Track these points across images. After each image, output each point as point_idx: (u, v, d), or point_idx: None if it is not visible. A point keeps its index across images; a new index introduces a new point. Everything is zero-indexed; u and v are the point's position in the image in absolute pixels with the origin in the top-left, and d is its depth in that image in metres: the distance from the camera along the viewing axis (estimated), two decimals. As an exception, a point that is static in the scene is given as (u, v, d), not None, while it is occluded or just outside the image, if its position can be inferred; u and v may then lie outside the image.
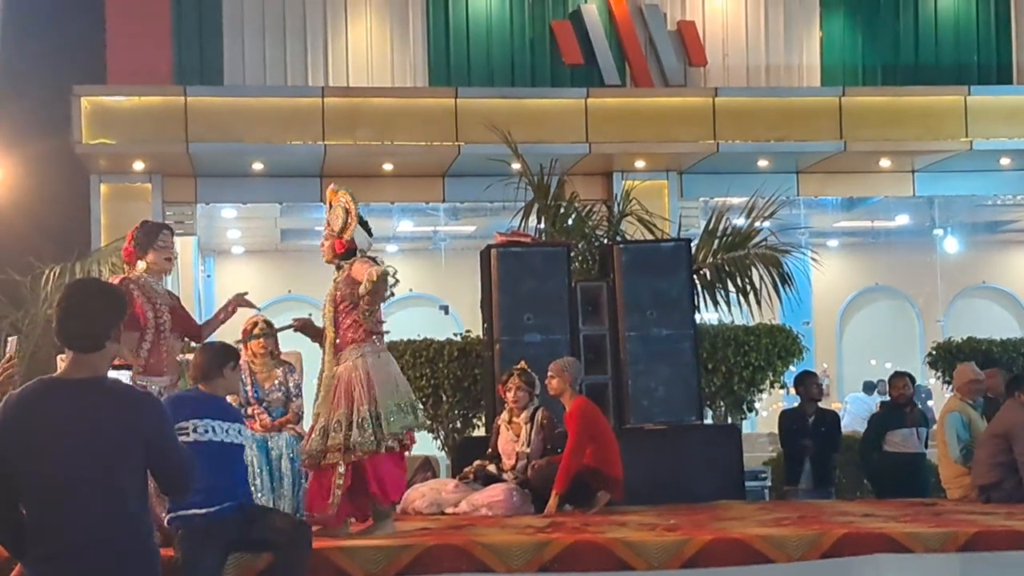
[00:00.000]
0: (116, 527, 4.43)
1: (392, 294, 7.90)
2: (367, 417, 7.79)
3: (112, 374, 4.74)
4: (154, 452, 4.52)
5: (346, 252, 8.21)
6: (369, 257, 8.21)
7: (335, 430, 7.81)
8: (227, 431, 6.65)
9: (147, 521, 4.61)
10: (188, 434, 6.42)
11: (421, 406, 8.28)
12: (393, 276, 7.75)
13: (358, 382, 7.86)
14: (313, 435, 7.93)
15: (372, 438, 7.76)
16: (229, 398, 8.91)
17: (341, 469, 7.80)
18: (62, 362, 4.69)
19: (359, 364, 7.91)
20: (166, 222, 8.59)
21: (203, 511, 6.39)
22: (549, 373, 9.56)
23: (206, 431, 6.57)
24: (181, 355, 9.15)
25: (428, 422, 8.40)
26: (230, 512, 6.48)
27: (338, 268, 8.24)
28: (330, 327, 8.09)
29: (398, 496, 8.36)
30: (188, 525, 6.40)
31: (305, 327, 8.41)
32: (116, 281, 7.90)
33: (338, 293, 8.10)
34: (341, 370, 7.94)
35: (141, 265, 8.19)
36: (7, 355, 6.93)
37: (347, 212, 8.29)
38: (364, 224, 8.36)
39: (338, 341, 8.03)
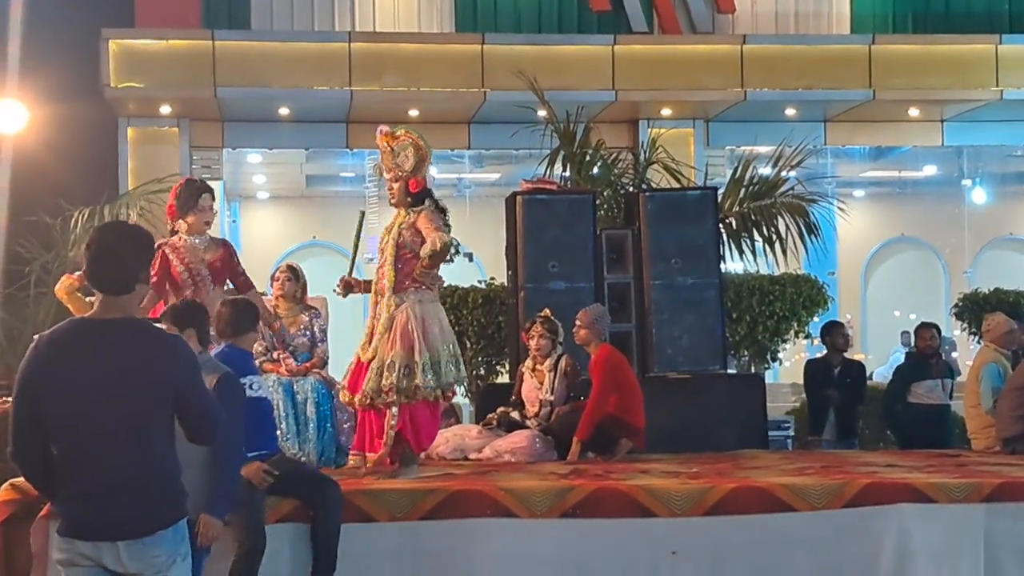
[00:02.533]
0: (144, 467, 4.47)
1: (451, 261, 7.88)
2: (427, 363, 7.81)
3: None
4: (182, 396, 4.54)
5: (420, 193, 8.08)
6: (440, 208, 8.10)
7: (389, 370, 7.79)
8: (251, 385, 6.70)
9: (175, 463, 4.64)
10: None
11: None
12: (455, 247, 7.69)
13: (416, 327, 7.84)
14: (370, 375, 7.88)
15: (432, 384, 7.81)
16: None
17: (395, 410, 7.82)
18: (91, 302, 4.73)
19: (416, 310, 7.89)
20: (206, 183, 8.53)
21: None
22: (576, 322, 9.55)
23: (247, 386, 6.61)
24: None
25: (465, 377, 8.40)
26: (267, 459, 6.60)
27: (406, 211, 8.08)
28: (390, 269, 7.98)
29: (429, 445, 8.41)
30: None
31: (351, 288, 8.29)
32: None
33: (401, 239, 7.98)
34: (397, 313, 7.90)
35: (182, 225, 8.25)
36: None
37: (418, 149, 8.13)
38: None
39: (396, 285, 7.95)
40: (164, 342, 4.66)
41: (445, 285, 12.71)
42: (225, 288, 8.55)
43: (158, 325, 5.35)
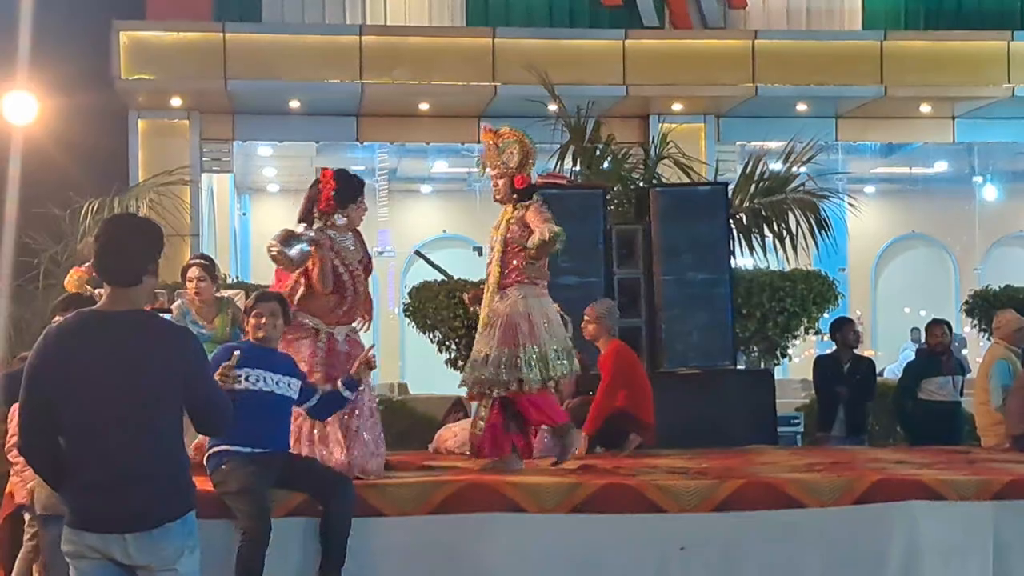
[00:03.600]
0: (152, 459, 4.48)
1: (558, 251, 7.92)
2: (533, 356, 7.88)
3: None
4: (191, 388, 4.55)
5: (526, 188, 8.13)
6: (544, 202, 8.13)
7: (483, 363, 7.91)
8: (278, 383, 6.70)
9: (183, 455, 4.64)
10: (240, 382, 6.42)
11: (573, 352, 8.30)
12: (562, 240, 7.75)
13: (521, 320, 7.92)
14: (474, 366, 7.99)
15: (538, 376, 7.89)
16: None
17: (485, 403, 8.02)
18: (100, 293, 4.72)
19: (520, 305, 7.96)
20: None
21: (247, 449, 6.49)
22: (585, 318, 9.54)
23: (257, 380, 6.59)
24: (222, 293, 9.23)
25: (579, 370, 8.46)
26: (274, 455, 6.61)
27: (513, 207, 8.11)
28: (496, 266, 8.05)
29: (565, 416, 8.42)
30: (236, 458, 6.46)
31: (479, 299, 8.36)
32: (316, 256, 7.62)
33: (510, 234, 8.04)
34: (502, 307, 7.98)
35: (340, 219, 7.90)
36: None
37: (522, 146, 8.16)
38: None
39: (503, 280, 8.03)
40: (173, 334, 4.67)
41: (455, 279, 12.84)
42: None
43: (166, 316, 5.35)
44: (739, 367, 12.00)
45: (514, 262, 8.00)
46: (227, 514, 6.37)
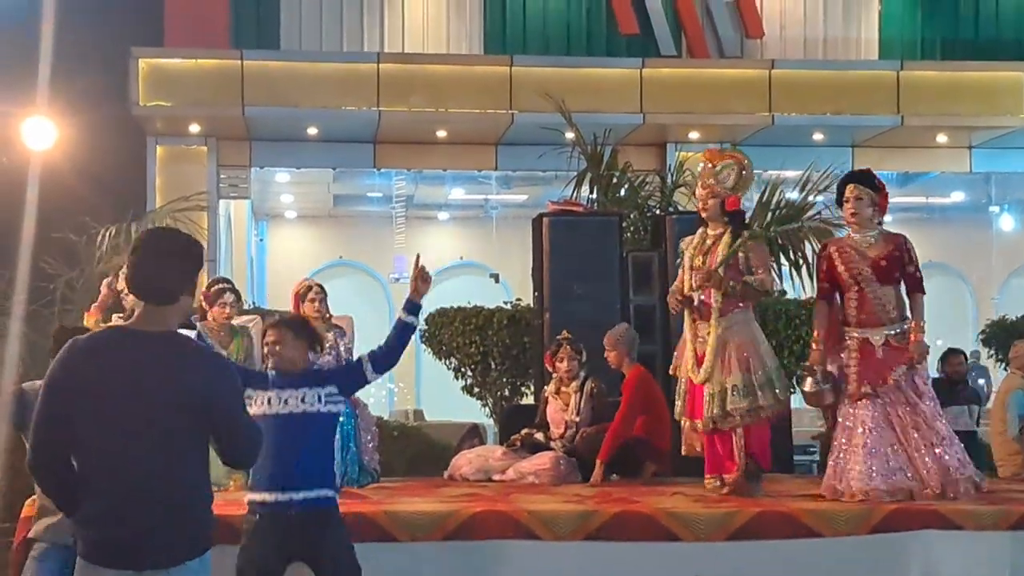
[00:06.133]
0: (173, 491, 4.21)
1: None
2: (765, 381, 8.01)
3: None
4: (217, 416, 4.28)
5: (735, 212, 8.23)
6: (763, 242, 8.36)
7: (733, 394, 7.98)
8: (286, 400, 5.92)
9: (208, 488, 4.38)
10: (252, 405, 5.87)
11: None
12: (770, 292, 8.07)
13: (749, 345, 8.05)
14: (711, 400, 8.06)
15: (773, 400, 8.02)
16: None
17: (740, 431, 8.08)
18: (118, 319, 4.61)
19: (743, 331, 8.10)
20: None
21: (260, 497, 5.84)
22: (606, 347, 9.57)
23: (263, 403, 5.93)
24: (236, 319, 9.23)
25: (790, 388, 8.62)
26: (298, 509, 5.80)
27: (723, 225, 8.23)
28: (717, 292, 8.11)
29: (768, 463, 8.42)
30: (250, 512, 5.89)
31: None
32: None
33: (740, 263, 8.13)
34: (729, 336, 8.07)
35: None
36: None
37: (742, 169, 8.28)
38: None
39: (723, 307, 8.10)
40: (205, 358, 4.41)
41: (471, 305, 12.85)
42: None
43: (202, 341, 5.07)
44: (755, 395, 11.95)
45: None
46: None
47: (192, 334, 8.50)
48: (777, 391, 8.09)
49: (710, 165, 8.34)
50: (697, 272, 8.21)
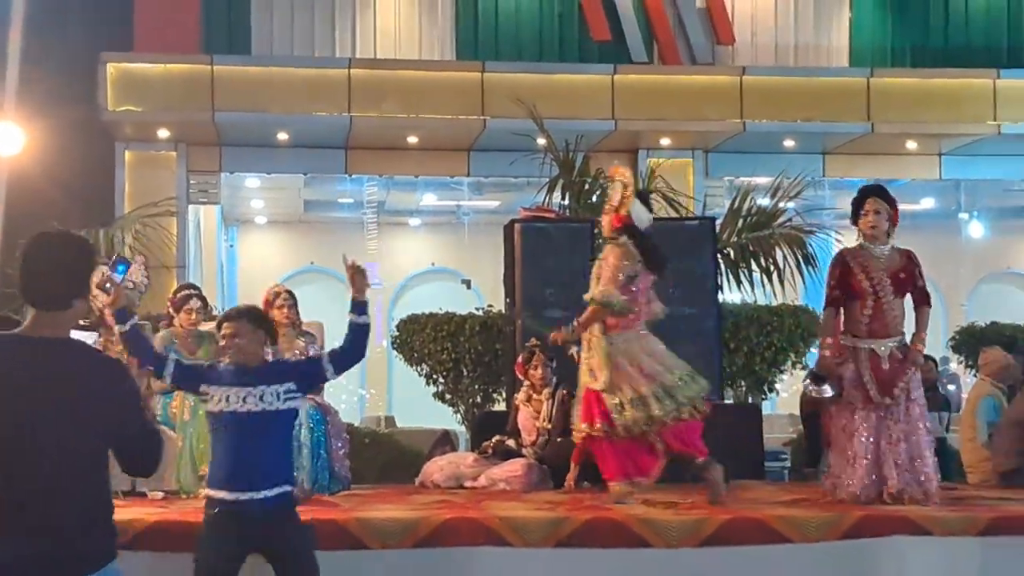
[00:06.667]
0: (74, 503, 4.00)
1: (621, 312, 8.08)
2: (658, 391, 7.97)
3: (75, 334, 4.35)
4: (114, 423, 4.10)
5: (623, 228, 8.19)
6: (635, 246, 8.18)
7: (647, 400, 7.97)
8: (245, 398, 5.86)
9: (109, 498, 4.19)
10: (212, 402, 5.91)
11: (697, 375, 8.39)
12: (619, 303, 7.98)
13: (642, 358, 8.07)
14: (623, 406, 7.98)
15: (672, 407, 7.99)
16: None
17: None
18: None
19: (631, 348, 8.09)
20: None
21: (220, 495, 5.82)
22: None
23: (220, 400, 5.89)
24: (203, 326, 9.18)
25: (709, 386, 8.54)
26: (251, 510, 5.79)
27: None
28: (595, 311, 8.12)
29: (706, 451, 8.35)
30: (208, 508, 5.89)
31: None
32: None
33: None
34: (615, 352, 8.06)
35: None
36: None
37: (624, 187, 8.26)
38: (645, 200, 8.38)
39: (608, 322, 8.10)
40: (100, 365, 4.21)
41: (442, 312, 12.82)
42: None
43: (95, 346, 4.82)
44: (727, 401, 11.98)
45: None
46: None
47: (90, 339, 8.33)
48: (672, 399, 8.03)
49: (612, 181, 8.42)
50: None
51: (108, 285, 6.07)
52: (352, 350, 6.14)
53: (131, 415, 4.19)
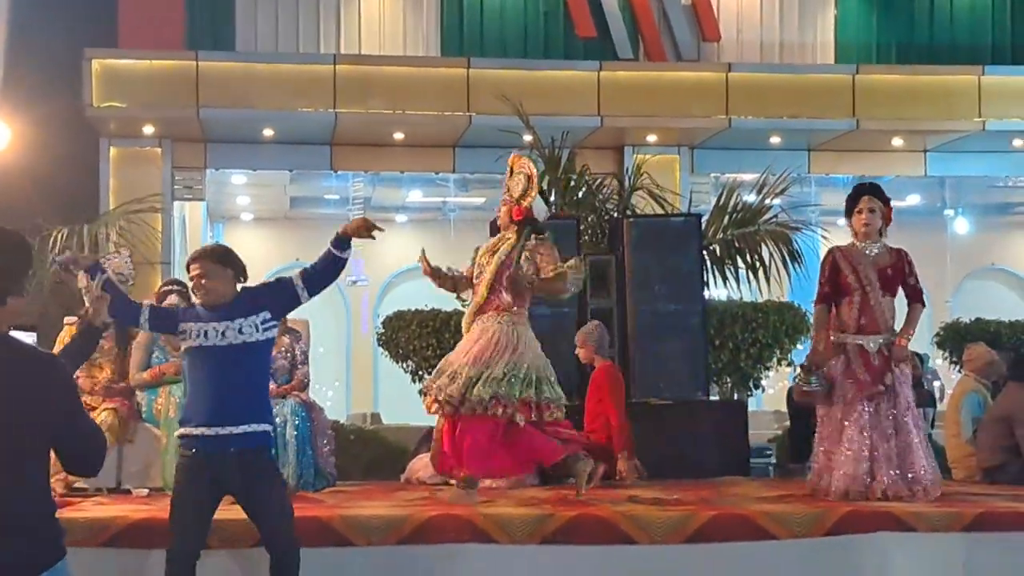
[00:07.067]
0: (18, 502, 3.93)
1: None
2: (508, 373, 7.76)
3: (16, 335, 4.23)
4: (61, 422, 4.02)
5: (523, 220, 8.14)
6: (549, 243, 8.14)
7: (475, 383, 7.74)
8: (225, 332, 5.83)
9: (50, 497, 4.12)
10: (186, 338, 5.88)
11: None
12: (574, 284, 7.92)
13: (506, 344, 7.86)
14: (447, 380, 7.83)
15: (517, 393, 7.73)
16: None
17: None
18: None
19: (503, 330, 7.91)
20: None
21: (198, 431, 5.77)
22: (577, 343, 9.80)
23: (198, 335, 5.86)
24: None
25: (562, 398, 8.29)
26: (228, 447, 5.77)
27: (513, 232, 8.14)
28: (484, 288, 8.02)
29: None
30: (183, 446, 5.87)
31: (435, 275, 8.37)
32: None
33: (506, 259, 8.03)
34: (480, 331, 7.93)
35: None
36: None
37: (528, 179, 8.21)
38: (543, 194, 8.33)
39: (484, 303, 8.00)
40: (40, 363, 4.07)
41: (427, 308, 12.81)
42: None
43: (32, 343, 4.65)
44: (712, 398, 12.00)
45: (501, 289, 8.00)
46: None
47: (29, 338, 8.26)
48: (529, 389, 7.80)
49: (508, 173, 8.35)
50: (478, 267, 8.19)
51: (84, 288, 5.93)
52: (325, 273, 6.12)
53: (69, 413, 4.08)
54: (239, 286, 6.03)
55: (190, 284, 6.07)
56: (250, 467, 5.81)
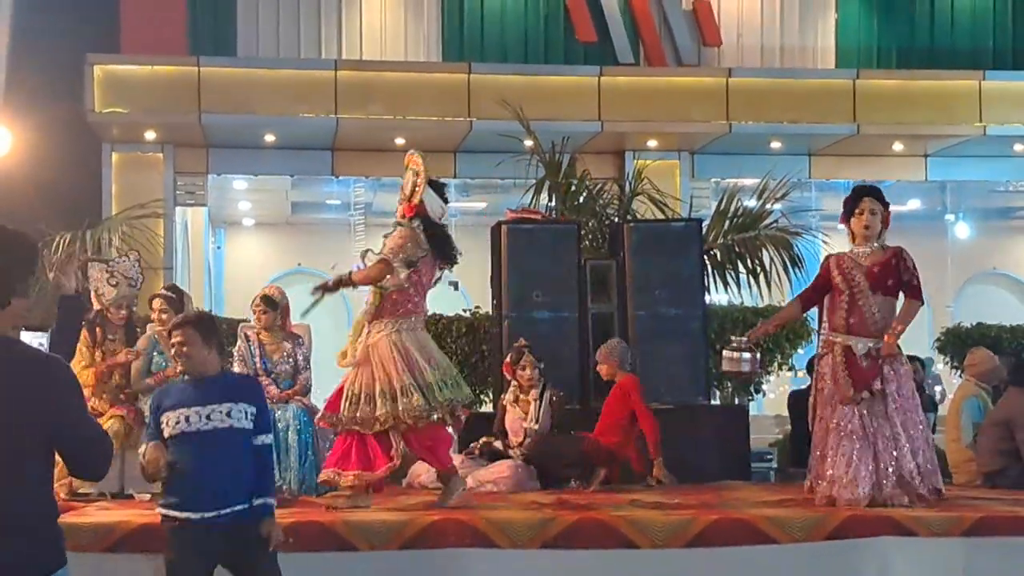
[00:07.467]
0: (19, 506, 3.88)
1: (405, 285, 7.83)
2: (408, 387, 7.65)
3: (25, 336, 4.25)
4: (61, 425, 3.96)
5: (415, 217, 8.05)
6: (425, 230, 8.05)
7: (381, 398, 7.66)
8: (209, 416, 5.56)
9: (53, 501, 4.06)
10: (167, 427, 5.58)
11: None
12: (401, 270, 7.73)
13: (397, 354, 7.73)
14: (350, 403, 7.74)
15: (422, 406, 7.65)
16: (237, 367, 8.94)
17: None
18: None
19: (393, 338, 7.79)
20: None
21: (184, 515, 5.56)
22: (598, 360, 9.79)
23: (179, 422, 5.55)
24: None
25: (471, 395, 8.27)
26: (214, 528, 5.54)
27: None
28: (376, 294, 7.94)
29: (450, 461, 8.18)
30: (168, 527, 5.65)
31: (326, 289, 8.12)
32: None
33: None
34: (372, 342, 7.83)
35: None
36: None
37: (416, 175, 8.14)
38: (439, 190, 8.27)
39: (376, 309, 7.90)
40: (40, 363, 4.02)
41: (430, 314, 12.81)
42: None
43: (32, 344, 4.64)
44: (713, 402, 12.00)
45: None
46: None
47: (41, 340, 8.27)
48: (431, 397, 7.71)
49: (405, 170, 8.25)
50: None
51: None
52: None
53: (72, 416, 4.03)
54: (223, 365, 5.85)
55: (172, 351, 5.90)
56: (241, 540, 5.59)
